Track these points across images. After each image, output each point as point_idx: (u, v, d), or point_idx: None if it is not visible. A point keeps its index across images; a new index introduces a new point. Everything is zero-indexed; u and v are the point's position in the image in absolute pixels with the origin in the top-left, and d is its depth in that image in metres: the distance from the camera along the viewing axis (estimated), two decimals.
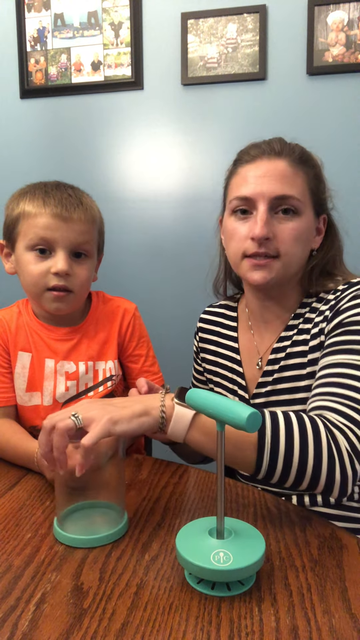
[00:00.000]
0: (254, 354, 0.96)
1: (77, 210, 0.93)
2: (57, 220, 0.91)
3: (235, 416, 0.53)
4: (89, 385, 1.01)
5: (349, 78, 1.66)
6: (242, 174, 0.86)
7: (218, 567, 0.54)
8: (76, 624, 0.51)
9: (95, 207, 1.00)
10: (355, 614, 0.52)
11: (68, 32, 1.86)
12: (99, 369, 1.02)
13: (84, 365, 1.00)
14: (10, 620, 0.51)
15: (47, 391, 0.99)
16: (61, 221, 0.91)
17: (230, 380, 0.98)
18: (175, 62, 1.79)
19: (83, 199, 0.96)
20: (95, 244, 0.99)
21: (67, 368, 0.99)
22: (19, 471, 0.86)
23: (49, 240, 0.91)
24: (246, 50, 1.71)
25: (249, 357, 0.96)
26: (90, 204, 0.98)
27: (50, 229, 0.91)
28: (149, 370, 1.08)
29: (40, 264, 0.92)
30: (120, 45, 1.82)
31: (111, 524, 0.67)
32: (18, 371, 1.00)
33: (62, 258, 0.91)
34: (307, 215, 0.85)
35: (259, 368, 0.93)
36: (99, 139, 1.89)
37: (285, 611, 0.52)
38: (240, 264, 0.87)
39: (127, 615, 0.52)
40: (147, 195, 1.86)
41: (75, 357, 1.00)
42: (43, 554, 0.63)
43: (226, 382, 0.99)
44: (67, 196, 0.93)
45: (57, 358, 0.99)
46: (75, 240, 0.93)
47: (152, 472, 0.85)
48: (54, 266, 0.91)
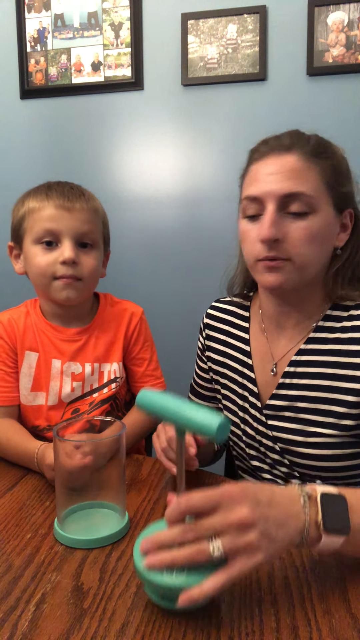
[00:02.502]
0: (268, 360, 0.89)
1: (80, 200, 0.95)
2: (60, 210, 0.93)
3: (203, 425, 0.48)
4: (94, 386, 1.01)
5: (349, 78, 1.66)
6: (251, 173, 0.82)
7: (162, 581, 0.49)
8: (76, 624, 0.51)
9: (97, 199, 1.02)
10: (355, 614, 0.52)
11: (68, 33, 1.86)
12: (104, 370, 1.02)
13: (90, 367, 1.00)
14: (10, 620, 0.51)
15: (53, 391, 0.99)
16: (65, 211, 0.93)
17: (240, 385, 0.92)
18: (175, 62, 1.79)
19: (84, 191, 0.99)
20: (101, 235, 1.00)
21: (74, 369, 1.00)
22: (19, 471, 0.86)
23: (54, 231, 0.93)
24: (246, 51, 1.71)
25: (262, 362, 0.90)
26: (92, 195, 1.00)
27: (55, 219, 0.93)
28: (152, 375, 1.08)
29: (48, 255, 0.94)
30: (120, 46, 1.82)
31: (112, 525, 0.67)
32: (24, 370, 1.00)
33: (68, 247, 0.93)
34: (323, 211, 0.78)
35: (273, 375, 0.87)
36: (99, 139, 1.89)
37: (285, 611, 0.52)
38: (255, 268, 0.82)
39: (127, 615, 0.52)
40: (146, 196, 1.86)
41: (81, 359, 1.01)
42: (43, 554, 0.63)
43: (235, 386, 0.94)
44: (69, 188, 0.96)
45: (64, 359, 1.00)
46: (80, 229, 0.94)
47: (152, 472, 0.85)
48: (60, 255, 0.93)
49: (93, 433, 0.74)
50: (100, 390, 1.02)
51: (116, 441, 0.67)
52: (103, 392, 1.02)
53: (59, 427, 0.68)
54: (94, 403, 1.01)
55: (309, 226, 0.77)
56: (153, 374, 1.08)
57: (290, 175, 0.76)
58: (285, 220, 0.77)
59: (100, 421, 0.74)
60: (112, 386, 1.02)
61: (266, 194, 0.77)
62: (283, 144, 0.79)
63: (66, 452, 0.67)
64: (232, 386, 0.94)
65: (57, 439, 0.66)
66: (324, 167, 0.78)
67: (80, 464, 0.67)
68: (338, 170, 0.80)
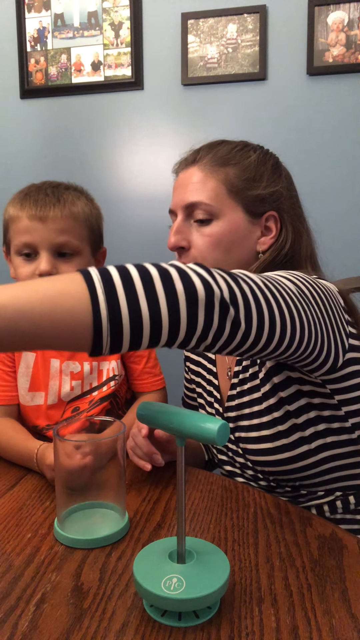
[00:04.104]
0: (224, 364, 0.92)
1: (54, 209, 0.90)
2: (33, 221, 0.90)
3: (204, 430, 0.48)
4: (94, 384, 1.02)
5: (349, 78, 1.66)
6: None
7: (166, 594, 0.49)
8: (76, 624, 0.51)
9: (81, 202, 0.96)
10: (356, 614, 0.52)
11: (68, 32, 1.86)
12: (103, 369, 1.02)
13: (88, 365, 1.01)
14: (10, 620, 0.51)
15: (52, 390, 1.00)
16: (38, 222, 0.90)
17: (209, 392, 0.95)
18: (175, 62, 1.79)
19: (62, 196, 0.93)
20: (85, 240, 0.96)
21: (72, 368, 1.00)
22: (19, 471, 0.86)
23: (30, 244, 0.91)
24: (246, 51, 1.71)
25: (222, 367, 0.93)
26: (72, 200, 0.94)
27: (29, 231, 0.90)
28: (150, 372, 1.08)
29: (27, 266, 0.92)
30: (120, 46, 1.82)
31: (112, 525, 0.67)
32: (22, 370, 1.00)
33: (44, 259, 0.90)
34: (228, 217, 0.81)
35: (229, 378, 0.89)
36: (99, 139, 1.89)
37: (285, 611, 0.52)
38: None
39: (127, 615, 0.52)
40: (147, 196, 1.86)
41: (80, 357, 1.01)
42: (43, 554, 0.63)
43: (205, 394, 0.96)
44: (44, 196, 0.92)
45: (62, 358, 1.00)
46: (55, 240, 0.91)
47: (152, 472, 0.85)
48: (37, 268, 0.90)
49: (93, 432, 0.74)
50: (99, 388, 1.02)
51: (116, 441, 0.67)
52: (102, 390, 1.02)
53: (58, 427, 0.68)
54: (93, 401, 1.01)
55: (211, 232, 0.80)
56: (152, 371, 1.08)
57: (190, 187, 0.82)
58: (191, 228, 0.82)
59: (100, 421, 0.75)
60: (111, 384, 1.02)
61: (175, 205, 0.85)
62: (188, 159, 0.87)
63: (66, 452, 0.67)
64: (204, 394, 0.96)
65: (57, 438, 0.66)
66: (228, 173, 0.81)
67: (80, 464, 0.67)
68: (247, 175, 0.82)
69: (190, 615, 0.51)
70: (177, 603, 0.49)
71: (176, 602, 0.49)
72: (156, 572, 0.52)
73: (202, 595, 0.49)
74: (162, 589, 0.50)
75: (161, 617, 0.51)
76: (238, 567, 0.60)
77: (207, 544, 0.57)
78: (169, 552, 0.55)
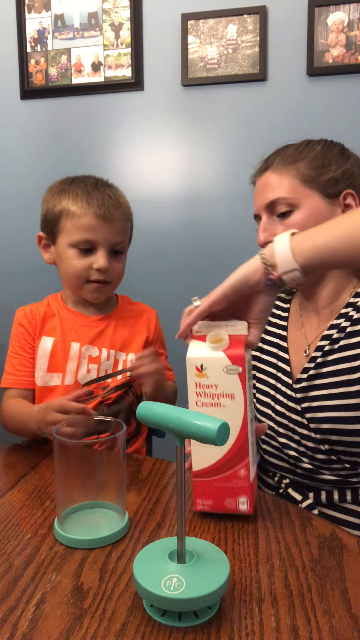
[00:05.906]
0: (302, 343, 0.96)
1: (117, 211, 1.01)
2: (99, 221, 0.99)
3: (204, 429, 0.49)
4: (109, 371, 1.07)
5: (349, 79, 1.66)
6: None
7: (166, 594, 0.49)
8: (76, 624, 0.51)
9: (128, 203, 1.08)
10: (356, 614, 0.52)
11: (68, 33, 1.86)
12: (119, 358, 1.08)
13: (106, 352, 1.07)
14: (10, 620, 0.51)
15: (70, 371, 1.05)
16: (103, 222, 0.99)
17: (275, 366, 0.98)
18: (175, 63, 1.79)
19: (120, 199, 1.04)
20: (128, 239, 1.10)
21: (91, 352, 1.06)
22: (19, 471, 0.86)
23: (92, 241, 1.00)
24: (246, 51, 1.71)
25: (296, 345, 0.97)
26: (126, 202, 1.06)
27: (93, 230, 0.99)
28: (167, 367, 1.16)
29: (83, 259, 1.01)
30: (120, 46, 1.82)
31: (112, 525, 0.67)
32: (40, 353, 1.06)
33: (102, 256, 1.00)
34: (307, 203, 0.87)
35: (306, 356, 0.93)
36: (99, 140, 1.89)
37: (285, 611, 0.52)
38: None
39: (127, 615, 0.52)
40: (146, 196, 1.86)
41: (99, 343, 1.07)
42: (43, 554, 0.63)
43: (269, 368, 0.99)
44: (108, 197, 1.01)
45: (82, 342, 1.06)
46: (114, 240, 1.02)
47: (152, 472, 0.85)
48: (95, 262, 1.00)
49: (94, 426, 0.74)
50: (115, 376, 1.07)
51: None
52: (117, 378, 1.06)
53: (58, 427, 0.69)
54: (108, 388, 1.06)
55: (295, 221, 0.87)
56: (167, 367, 1.17)
57: (268, 189, 0.90)
58: (275, 224, 0.90)
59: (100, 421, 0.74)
60: (127, 374, 1.07)
61: (257, 208, 0.93)
62: (260, 167, 0.95)
63: None
64: (266, 368, 1.00)
65: (57, 438, 0.66)
66: (298, 168, 0.89)
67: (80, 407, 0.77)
68: (316, 163, 0.90)
69: (190, 615, 0.51)
70: (177, 603, 0.49)
71: (176, 602, 0.49)
72: (156, 572, 0.52)
73: (202, 595, 0.49)
74: (162, 589, 0.50)
75: (161, 617, 0.51)
76: (238, 567, 0.60)
77: (207, 544, 0.58)
78: (169, 552, 0.55)
